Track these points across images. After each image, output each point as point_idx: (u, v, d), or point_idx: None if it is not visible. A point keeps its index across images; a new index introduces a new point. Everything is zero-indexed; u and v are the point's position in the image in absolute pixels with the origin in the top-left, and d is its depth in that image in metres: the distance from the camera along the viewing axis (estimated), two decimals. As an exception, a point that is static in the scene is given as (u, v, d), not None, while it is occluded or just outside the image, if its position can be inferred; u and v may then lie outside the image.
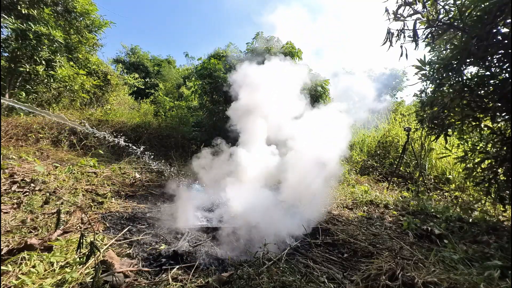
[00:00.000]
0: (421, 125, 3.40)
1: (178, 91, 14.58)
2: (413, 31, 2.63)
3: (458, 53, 2.50)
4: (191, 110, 9.89)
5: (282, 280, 1.81)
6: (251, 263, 2.08)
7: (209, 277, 1.88)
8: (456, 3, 2.60)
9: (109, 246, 2.20)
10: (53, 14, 6.62)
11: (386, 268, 1.90)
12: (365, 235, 2.82)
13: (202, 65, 7.42)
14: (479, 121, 2.77)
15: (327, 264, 2.19)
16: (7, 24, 5.50)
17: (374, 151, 7.22)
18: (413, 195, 4.79)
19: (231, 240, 2.65)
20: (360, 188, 4.91)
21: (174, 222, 2.90)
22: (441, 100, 2.84)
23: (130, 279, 1.80)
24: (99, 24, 7.93)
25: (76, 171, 3.73)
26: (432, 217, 3.51)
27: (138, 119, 7.47)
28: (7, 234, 2.15)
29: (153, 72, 15.90)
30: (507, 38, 2.28)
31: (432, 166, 5.85)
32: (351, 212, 3.81)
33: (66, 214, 2.63)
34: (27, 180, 3.09)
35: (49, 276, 1.71)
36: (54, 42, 6.28)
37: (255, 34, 7.95)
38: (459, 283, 1.77)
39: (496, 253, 2.29)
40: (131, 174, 4.40)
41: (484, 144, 3.10)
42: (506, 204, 2.91)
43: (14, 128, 5.29)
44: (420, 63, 2.99)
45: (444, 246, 2.58)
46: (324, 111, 4.07)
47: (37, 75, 6.39)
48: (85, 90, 7.83)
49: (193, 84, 7.67)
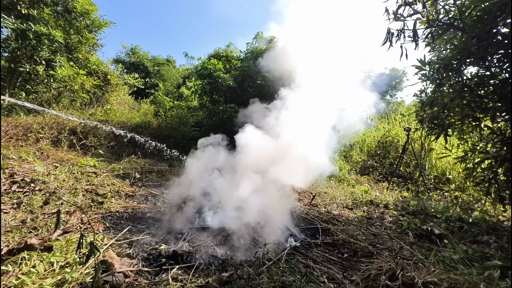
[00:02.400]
0: (421, 125, 3.40)
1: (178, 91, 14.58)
2: (413, 31, 2.63)
3: (458, 53, 2.50)
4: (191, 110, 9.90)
5: (282, 280, 1.81)
6: (251, 263, 2.09)
7: (209, 277, 1.88)
8: (456, 3, 2.60)
9: (109, 246, 2.20)
10: (53, 14, 6.62)
11: (386, 268, 1.90)
12: (365, 235, 2.82)
13: (202, 65, 7.43)
14: (479, 121, 2.77)
15: (327, 264, 2.19)
16: (7, 24, 5.50)
17: (374, 151, 7.22)
18: (413, 195, 4.79)
19: (231, 239, 2.65)
20: (360, 188, 4.91)
21: (174, 222, 2.90)
22: (441, 100, 2.84)
23: (130, 279, 1.80)
24: (99, 24, 7.94)
25: (76, 171, 3.73)
26: (432, 217, 3.51)
27: (138, 119, 7.48)
28: (7, 234, 2.15)
29: (153, 72, 15.90)
30: (507, 38, 2.28)
31: (432, 166, 5.85)
32: (351, 212, 3.81)
33: (66, 214, 2.63)
34: (27, 180, 3.09)
35: (49, 276, 1.71)
36: (54, 42, 6.28)
37: (255, 34, 7.96)
38: (459, 283, 1.77)
39: (496, 253, 2.29)
40: (131, 174, 4.41)
41: (484, 144, 3.09)
42: (506, 204, 2.91)
43: (14, 128, 5.28)
44: (420, 63, 2.98)
45: (444, 246, 2.58)
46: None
47: (37, 75, 6.39)
48: (85, 90, 7.84)
49: (193, 84, 7.68)
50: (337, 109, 5.20)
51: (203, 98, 8.07)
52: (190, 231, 2.75)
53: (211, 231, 2.80)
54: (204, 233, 2.75)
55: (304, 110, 4.67)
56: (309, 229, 3.09)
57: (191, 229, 2.79)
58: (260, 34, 7.91)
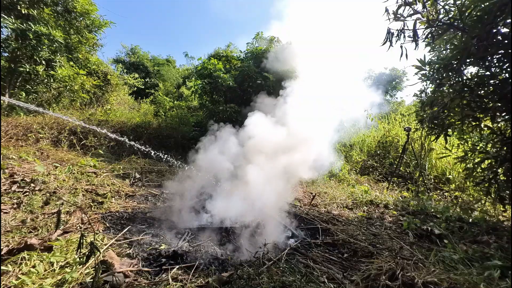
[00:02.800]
0: (421, 125, 3.40)
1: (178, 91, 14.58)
2: (413, 31, 2.63)
3: (458, 53, 2.50)
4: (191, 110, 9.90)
5: (282, 280, 1.81)
6: (251, 263, 2.09)
7: (209, 277, 1.88)
8: (456, 3, 2.60)
9: (109, 246, 2.20)
10: (53, 14, 6.62)
11: (386, 268, 1.90)
12: (365, 235, 2.82)
13: (202, 65, 7.43)
14: (479, 121, 2.77)
15: (327, 264, 2.19)
16: (7, 24, 5.50)
17: (374, 151, 7.22)
18: (413, 195, 4.79)
19: (231, 239, 2.65)
20: (360, 188, 4.91)
21: (174, 222, 2.90)
22: (441, 100, 2.84)
23: (130, 279, 1.80)
24: (99, 24, 7.93)
25: (76, 171, 3.73)
26: (432, 217, 3.51)
27: (138, 119, 7.47)
28: (7, 234, 2.15)
29: (153, 72, 15.90)
30: (507, 38, 2.28)
31: (432, 166, 5.85)
32: (351, 212, 3.81)
33: (66, 214, 2.63)
34: (27, 180, 3.09)
35: (49, 276, 1.71)
36: (54, 42, 6.28)
37: (255, 34, 7.95)
38: (459, 283, 1.77)
39: (496, 253, 2.29)
40: (131, 174, 4.40)
41: (484, 144, 3.09)
42: (506, 204, 2.91)
43: (14, 128, 5.28)
44: (420, 63, 2.98)
45: (444, 246, 2.58)
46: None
47: (37, 75, 6.39)
48: (85, 90, 7.83)
49: (193, 84, 7.68)
50: (341, 108, 5.19)
51: (203, 98, 8.07)
52: (190, 231, 2.75)
53: (211, 231, 2.80)
54: (204, 233, 2.76)
55: (306, 109, 4.66)
56: (309, 229, 3.09)
57: (191, 229, 2.79)
58: (260, 34, 7.91)
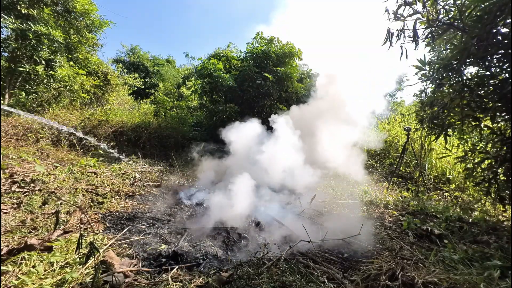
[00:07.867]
0: (421, 125, 3.40)
1: (178, 91, 14.57)
2: (413, 31, 2.63)
3: (458, 53, 2.50)
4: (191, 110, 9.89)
5: (282, 280, 1.81)
6: (251, 263, 2.08)
7: (209, 277, 1.88)
8: (456, 3, 2.60)
9: (109, 246, 2.20)
10: (53, 14, 6.61)
11: (386, 268, 1.90)
12: (365, 235, 2.82)
13: (202, 65, 7.43)
14: (479, 121, 2.77)
15: (327, 264, 2.19)
16: (7, 24, 5.50)
17: (374, 151, 7.22)
18: (413, 195, 4.79)
19: (231, 239, 2.65)
20: (360, 188, 4.90)
21: (174, 222, 2.90)
22: (441, 100, 2.84)
23: (130, 279, 1.80)
24: (99, 24, 7.93)
25: (76, 171, 3.73)
26: (432, 217, 3.50)
27: (138, 119, 7.46)
28: (7, 234, 2.15)
29: (153, 72, 15.90)
30: (507, 38, 2.28)
31: (432, 166, 5.84)
32: (351, 212, 3.80)
33: (66, 214, 2.63)
34: (27, 180, 3.08)
35: (49, 276, 1.71)
36: (54, 42, 6.27)
37: (255, 34, 7.95)
38: (459, 283, 1.77)
39: (496, 253, 2.29)
40: (131, 174, 4.40)
41: (484, 144, 3.09)
42: (506, 204, 2.91)
43: (14, 128, 5.28)
44: (420, 63, 2.98)
45: (444, 246, 2.58)
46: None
47: (37, 75, 6.38)
48: (85, 90, 7.83)
49: (193, 84, 7.68)
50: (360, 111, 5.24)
51: (203, 98, 8.07)
52: (190, 231, 2.75)
53: (211, 231, 2.80)
54: (204, 233, 2.76)
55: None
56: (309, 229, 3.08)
57: (191, 229, 2.79)
58: (260, 34, 7.90)
